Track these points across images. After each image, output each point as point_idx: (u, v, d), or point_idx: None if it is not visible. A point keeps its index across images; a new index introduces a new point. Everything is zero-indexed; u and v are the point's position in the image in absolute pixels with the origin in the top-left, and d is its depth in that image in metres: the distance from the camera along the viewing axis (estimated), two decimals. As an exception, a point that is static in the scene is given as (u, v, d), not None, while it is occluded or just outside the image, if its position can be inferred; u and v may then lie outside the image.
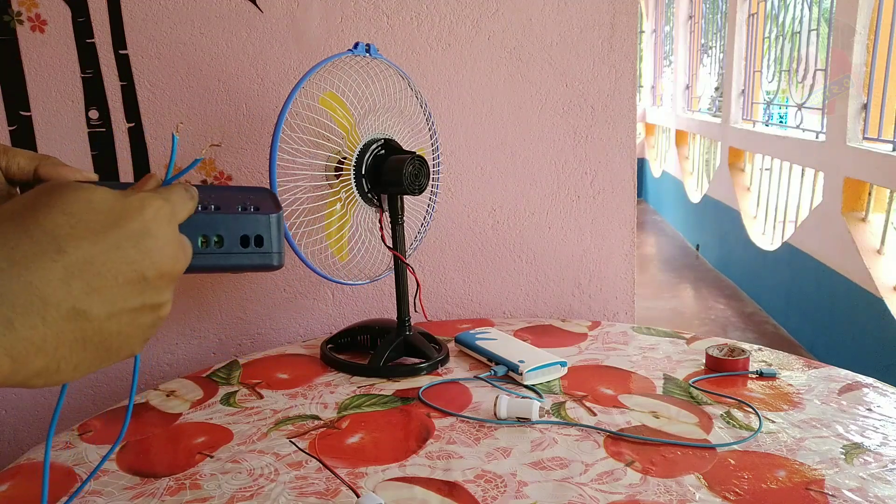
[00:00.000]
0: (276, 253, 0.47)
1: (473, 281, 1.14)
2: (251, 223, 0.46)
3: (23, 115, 1.01)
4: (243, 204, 0.46)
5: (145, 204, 0.36)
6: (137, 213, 0.35)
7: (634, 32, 1.08)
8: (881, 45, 2.89)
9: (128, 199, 0.35)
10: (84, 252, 0.32)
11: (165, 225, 0.37)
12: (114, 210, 0.34)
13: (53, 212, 0.33)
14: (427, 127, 0.94)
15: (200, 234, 0.44)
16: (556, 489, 0.59)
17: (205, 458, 0.66)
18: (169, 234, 0.37)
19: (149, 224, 0.35)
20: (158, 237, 0.36)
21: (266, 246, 0.46)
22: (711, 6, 5.47)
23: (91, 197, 0.34)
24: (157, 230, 0.36)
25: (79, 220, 0.33)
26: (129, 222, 0.35)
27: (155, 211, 0.36)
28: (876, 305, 2.79)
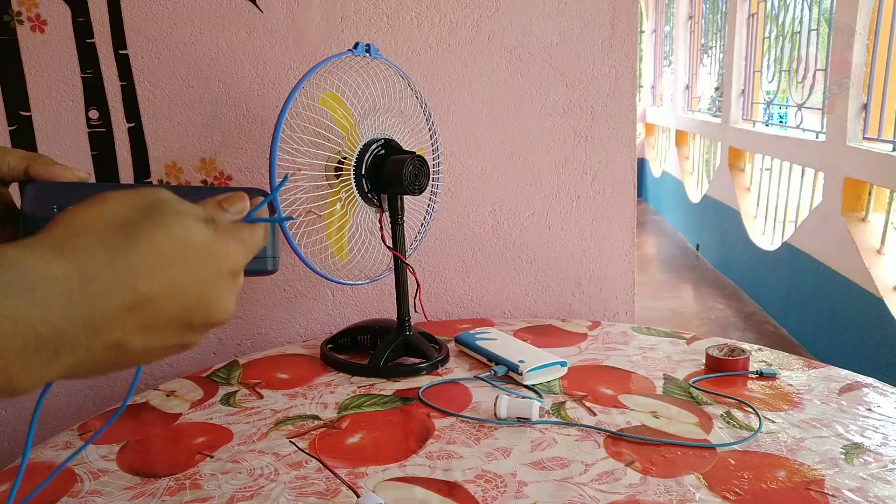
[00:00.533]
0: (270, 258, 0.46)
1: (473, 281, 1.14)
2: None
3: (23, 115, 1.01)
4: None
5: (230, 255, 0.36)
6: (217, 262, 0.36)
7: (634, 32, 1.08)
8: (881, 45, 2.88)
9: (217, 246, 0.36)
10: (153, 292, 0.33)
11: (233, 280, 0.37)
12: (200, 254, 0.35)
13: (144, 247, 0.33)
14: (427, 127, 0.94)
15: None
16: (556, 489, 0.59)
17: (205, 458, 0.66)
18: (232, 291, 0.37)
19: (221, 279, 0.36)
20: (222, 293, 0.36)
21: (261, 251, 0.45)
22: (711, 6, 5.47)
23: (186, 237, 0.34)
24: (225, 287, 0.36)
25: (164, 260, 0.33)
26: (206, 272, 0.35)
27: (231, 266, 0.37)
28: (876, 305, 2.79)
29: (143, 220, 0.34)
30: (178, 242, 0.34)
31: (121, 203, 0.34)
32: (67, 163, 1.07)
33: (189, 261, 0.34)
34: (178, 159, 1.05)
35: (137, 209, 0.34)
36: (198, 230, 0.35)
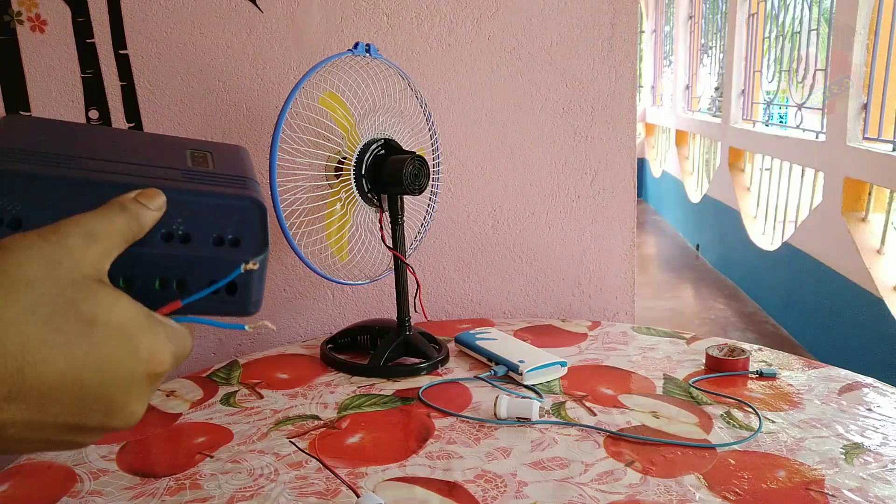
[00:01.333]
0: (253, 301, 0.37)
1: (473, 281, 1.14)
2: (225, 266, 0.35)
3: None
4: (220, 232, 0.36)
5: (156, 355, 0.30)
6: (136, 360, 0.30)
7: (634, 32, 1.08)
8: (881, 45, 2.89)
9: (145, 338, 0.30)
10: (43, 382, 0.27)
11: (150, 385, 0.31)
12: (118, 344, 0.29)
13: (42, 324, 0.27)
14: (427, 127, 0.94)
15: (160, 276, 0.35)
16: (556, 489, 0.59)
17: (205, 458, 0.66)
18: (145, 396, 0.31)
19: (135, 382, 0.30)
20: (131, 398, 0.30)
21: (240, 294, 0.36)
22: (711, 6, 5.47)
23: (108, 318, 0.29)
24: (137, 391, 0.30)
25: (67, 343, 0.28)
26: (119, 369, 0.29)
27: (153, 369, 0.31)
28: (876, 305, 2.79)
29: (52, 279, 0.28)
30: (90, 323, 0.28)
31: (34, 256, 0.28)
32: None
33: (100, 350, 0.28)
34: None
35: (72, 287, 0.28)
36: (127, 311, 0.30)
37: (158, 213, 0.34)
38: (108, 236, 0.31)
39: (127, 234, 0.32)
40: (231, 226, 0.36)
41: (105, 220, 0.31)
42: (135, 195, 0.33)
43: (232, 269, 0.35)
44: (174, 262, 0.35)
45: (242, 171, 0.41)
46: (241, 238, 0.36)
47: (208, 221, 0.36)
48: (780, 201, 4.01)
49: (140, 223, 0.32)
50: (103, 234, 0.31)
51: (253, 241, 0.36)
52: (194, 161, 0.40)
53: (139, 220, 0.32)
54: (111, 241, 0.31)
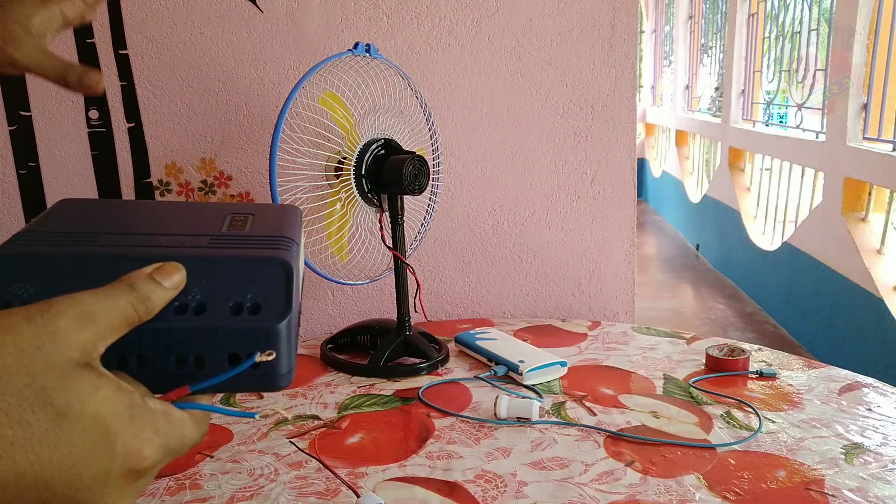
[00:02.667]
0: (281, 374, 0.32)
1: (473, 281, 1.14)
2: (244, 338, 0.32)
3: (23, 115, 1.01)
4: (239, 299, 0.32)
5: (136, 448, 0.27)
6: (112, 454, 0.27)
7: (634, 32, 1.08)
8: (881, 45, 2.89)
9: (124, 430, 0.27)
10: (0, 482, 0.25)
11: (131, 482, 0.28)
12: (94, 437, 0.26)
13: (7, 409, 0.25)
14: (427, 127, 0.94)
15: (174, 352, 0.32)
16: (556, 489, 0.59)
17: (205, 458, 0.66)
18: (126, 495, 0.28)
19: (111, 480, 0.27)
20: (108, 498, 0.27)
21: (265, 367, 0.32)
22: (711, 6, 5.47)
23: (81, 408, 0.26)
24: (115, 490, 0.28)
25: (31, 436, 0.25)
26: (92, 466, 0.26)
27: (133, 465, 0.28)
28: (876, 305, 2.79)
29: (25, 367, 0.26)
30: (61, 415, 0.26)
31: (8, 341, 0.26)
32: (68, 163, 1.07)
33: (69, 446, 0.26)
34: (178, 159, 1.05)
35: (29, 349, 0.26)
36: (107, 400, 0.27)
37: (174, 291, 0.31)
38: (106, 318, 0.28)
39: (131, 316, 0.29)
40: (250, 291, 0.33)
41: (106, 300, 0.29)
42: (151, 270, 0.31)
43: (254, 337, 0.31)
44: (188, 336, 0.32)
45: (280, 230, 0.38)
46: (262, 304, 0.32)
47: (225, 288, 0.32)
48: (780, 201, 4.01)
49: (148, 305, 0.30)
50: (101, 316, 0.28)
51: (275, 306, 0.32)
52: (231, 225, 0.38)
53: (148, 301, 0.30)
54: (109, 324, 0.29)
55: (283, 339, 0.32)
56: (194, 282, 0.32)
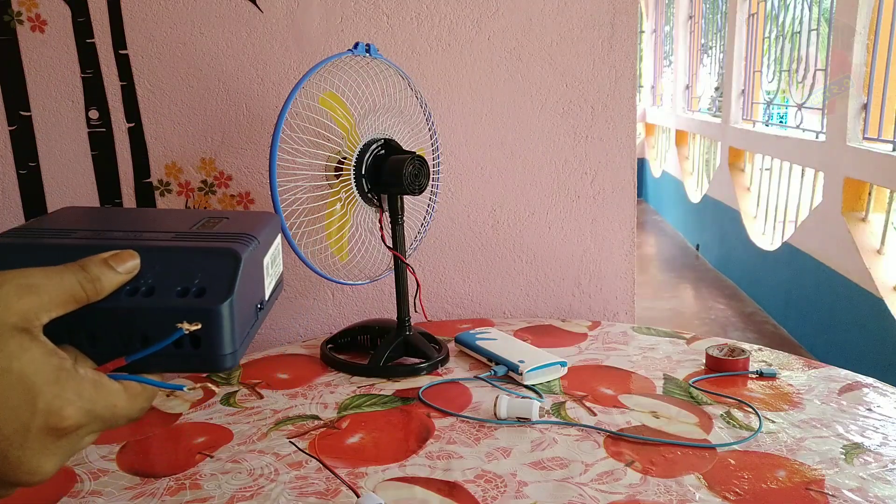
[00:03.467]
0: (224, 355, 0.34)
1: (473, 281, 1.14)
2: (187, 318, 0.34)
3: (23, 115, 1.01)
4: (186, 284, 0.35)
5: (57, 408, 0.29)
6: (32, 410, 0.29)
7: (634, 32, 1.08)
8: (881, 45, 2.89)
9: (46, 389, 0.29)
10: None
11: (53, 440, 0.30)
12: (12, 392, 0.29)
13: None
14: (427, 127, 0.94)
15: (122, 330, 0.34)
16: (556, 489, 0.59)
17: (205, 458, 0.66)
18: (49, 451, 0.30)
19: (31, 434, 0.29)
20: (26, 451, 0.29)
21: (206, 347, 0.34)
22: (711, 6, 5.47)
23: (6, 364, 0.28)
24: (35, 444, 0.29)
25: None
26: (10, 418, 0.29)
27: (54, 423, 0.29)
28: (876, 305, 2.79)
29: None
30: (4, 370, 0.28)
31: None
32: (68, 163, 1.07)
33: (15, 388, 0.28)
34: (178, 159, 1.05)
35: None
36: (34, 361, 0.29)
37: (126, 276, 0.34)
38: (51, 292, 0.31)
39: (77, 293, 0.32)
40: (197, 277, 0.35)
41: (53, 276, 0.31)
42: (107, 256, 0.34)
43: (196, 318, 0.33)
44: (135, 315, 0.34)
45: (244, 230, 0.40)
46: (207, 288, 0.34)
47: (175, 274, 0.35)
48: (780, 201, 4.01)
49: (97, 286, 0.33)
50: (45, 289, 0.31)
51: (219, 290, 0.34)
52: (203, 226, 0.40)
53: (97, 282, 0.32)
54: (51, 297, 0.31)
55: (224, 319, 0.34)
56: (148, 269, 0.35)
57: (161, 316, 0.34)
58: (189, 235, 0.38)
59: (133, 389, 0.33)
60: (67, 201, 1.05)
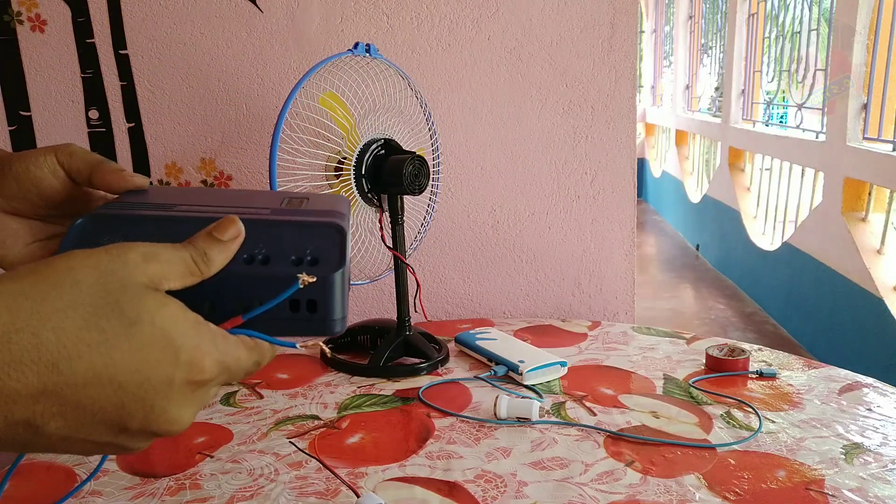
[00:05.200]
0: (336, 319, 0.37)
1: (473, 281, 1.14)
2: (308, 284, 0.36)
3: (23, 115, 1.01)
4: (300, 254, 0.37)
5: (198, 363, 0.31)
6: (175, 365, 0.30)
7: (634, 32, 1.08)
8: (881, 45, 2.89)
9: (187, 345, 0.30)
10: (77, 376, 0.28)
11: (192, 391, 0.32)
12: (158, 348, 0.30)
13: (83, 320, 0.28)
14: (427, 127, 0.94)
15: (242, 298, 0.36)
16: (556, 489, 0.59)
17: (205, 458, 0.66)
18: (188, 402, 0.32)
19: (174, 387, 0.31)
20: (171, 401, 0.31)
21: (321, 311, 0.37)
22: (711, 6, 5.47)
23: (152, 320, 0.30)
24: (177, 396, 0.31)
25: (104, 341, 0.28)
26: (156, 371, 0.30)
27: (193, 376, 0.31)
28: (876, 305, 2.79)
29: (101, 284, 0.29)
30: (132, 323, 0.29)
31: (89, 263, 0.30)
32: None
33: (139, 351, 0.29)
34: (178, 159, 1.05)
35: (115, 286, 0.30)
36: (173, 316, 0.31)
37: (232, 245, 0.35)
38: (169, 262, 0.32)
39: (191, 265, 0.33)
40: (310, 247, 0.37)
41: (170, 249, 0.33)
42: (210, 228, 0.35)
43: (313, 285, 0.36)
44: (254, 282, 0.36)
45: (332, 207, 0.42)
46: (319, 257, 0.37)
47: (288, 244, 0.37)
48: (780, 201, 4.01)
49: (207, 258, 0.34)
50: (164, 259, 0.32)
51: (330, 260, 0.37)
52: (289, 204, 0.43)
53: (206, 254, 0.34)
54: (171, 267, 0.32)
55: (337, 286, 0.37)
56: (259, 241, 0.37)
57: (280, 283, 0.36)
58: (288, 212, 0.40)
59: (248, 343, 0.35)
60: (67, 201, 1.05)
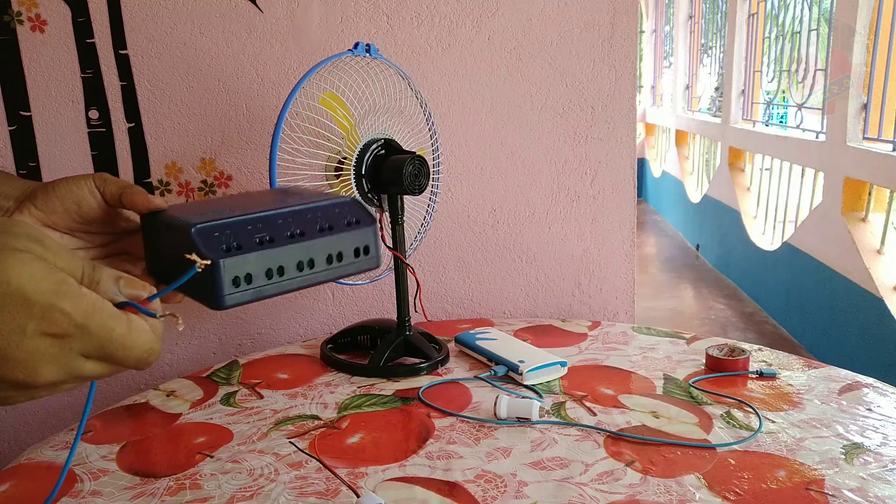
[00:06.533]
0: (379, 255, 0.55)
1: (473, 281, 1.14)
2: (361, 236, 0.53)
3: (23, 115, 1.01)
4: (344, 220, 0.53)
5: (51, 315, 0.34)
6: (29, 314, 0.34)
7: (634, 32, 1.08)
8: (881, 45, 2.88)
9: (43, 298, 0.34)
10: None
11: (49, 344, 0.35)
12: (13, 299, 0.33)
13: None
14: (427, 127, 0.94)
15: (326, 252, 0.51)
16: (556, 489, 0.59)
17: (205, 458, 0.66)
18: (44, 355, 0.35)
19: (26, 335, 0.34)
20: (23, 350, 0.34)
21: (372, 251, 0.54)
22: (711, 6, 5.47)
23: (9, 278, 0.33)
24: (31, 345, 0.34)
25: None
26: (8, 319, 0.33)
27: (47, 328, 0.35)
28: (876, 305, 2.79)
29: None
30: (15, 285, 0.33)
31: None
32: (68, 163, 1.07)
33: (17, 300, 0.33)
34: (178, 159, 1.05)
35: None
36: (30, 274, 0.34)
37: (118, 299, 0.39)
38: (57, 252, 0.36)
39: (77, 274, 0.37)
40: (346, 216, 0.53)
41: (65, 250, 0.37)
42: (121, 277, 0.40)
43: (366, 235, 0.53)
44: (332, 243, 0.51)
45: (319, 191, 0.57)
46: (357, 219, 0.53)
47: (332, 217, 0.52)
48: (780, 201, 4.01)
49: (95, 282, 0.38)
50: (52, 245, 0.36)
51: (366, 218, 0.54)
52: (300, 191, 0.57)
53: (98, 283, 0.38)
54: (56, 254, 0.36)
55: (376, 234, 0.54)
56: (315, 219, 0.51)
57: (346, 240, 0.52)
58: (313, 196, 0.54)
59: (138, 323, 0.38)
60: (67, 201, 1.05)
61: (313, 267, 0.51)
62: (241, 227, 0.48)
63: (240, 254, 0.47)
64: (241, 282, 0.47)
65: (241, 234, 0.47)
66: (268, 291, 0.49)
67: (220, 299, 0.46)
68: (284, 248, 0.49)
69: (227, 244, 0.47)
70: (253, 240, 0.48)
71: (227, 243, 0.47)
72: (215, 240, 0.46)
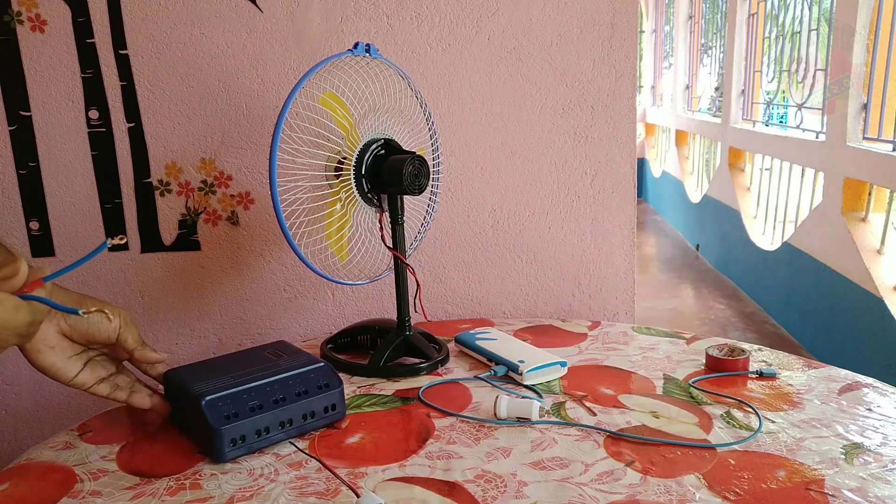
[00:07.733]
0: (345, 409, 0.72)
1: (473, 281, 1.14)
2: (330, 397, 0.70)
3: (23, 115, 1.02)
4: (319, 383, 0.69)
5: None
6: None
7: (634, 32, 1.08)
8: (881, 45, 2.88)
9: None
10: None
11: None
12: None
13: None
14: (427, 127, 0.94)
15: (302, 412, 0.67)
16: (556, 489, 0.59)
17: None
18: None
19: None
20: None
21: (339, 408, 0.70)
22: (711, 6, 5.47)
23: None
24: None
25: None
26: None
27: None
28: (876, 305, 2.79)
29: None
30: None
31: None
32: (68, 163, 1.07)
33: None
34: (178, 159, 1.05)
35: None
36: None
37: None
38: None
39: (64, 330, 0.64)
40: (317, 380, 0.71)
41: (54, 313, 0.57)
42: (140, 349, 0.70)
43: (334, 396, 0.71)
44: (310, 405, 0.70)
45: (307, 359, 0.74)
46: (328, 383, 0.71)
47: (305, 382, 0.70)
48: (780, 201, 4.01)
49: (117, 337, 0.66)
50: None
51: (335, 380, 0.72)
52: (273, 355, 0.75)
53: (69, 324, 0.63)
54: None
55: (341, 394, 0.72)
56: (293, 384, 0.69)
57: (318, 402, 0.69)
58: (293, 359, 0.73)
59: (12, 301, 0.49)
60: (67, 201, 1.05)
61: (292, 424, 0.66)
62: (238, 396, 0.64)
63: (237, 420, 0.62)
64: (238, 441, 0.63)
65: (238, 402, 0.63)
66: (256, 447, 0.65)
67: (221, 455, 0.63)
68: (270, 412, 0.64)
69: (228, 413, 0.62)
70: (247, 407, 0.64)
71: (227, 412, 0.62)
72: (219, 409, 0.62)
